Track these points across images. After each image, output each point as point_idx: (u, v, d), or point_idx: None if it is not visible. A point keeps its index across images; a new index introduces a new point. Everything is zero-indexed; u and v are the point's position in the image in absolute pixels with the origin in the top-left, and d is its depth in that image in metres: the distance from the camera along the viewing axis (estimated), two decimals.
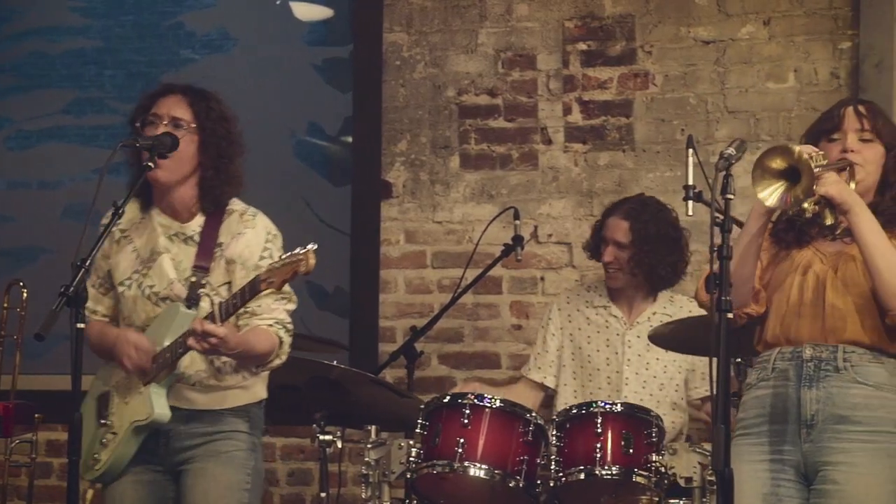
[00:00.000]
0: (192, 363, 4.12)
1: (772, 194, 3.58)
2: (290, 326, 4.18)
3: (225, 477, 4.15)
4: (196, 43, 6.37)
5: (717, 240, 3.49)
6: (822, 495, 3.66)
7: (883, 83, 5.49)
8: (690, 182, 3.69)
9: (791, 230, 3.82)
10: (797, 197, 3.56)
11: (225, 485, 4.14)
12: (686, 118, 5.81)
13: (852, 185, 3.72)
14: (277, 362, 4.17)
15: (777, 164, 3.56)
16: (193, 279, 4.11)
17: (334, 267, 6.05)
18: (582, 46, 5.95)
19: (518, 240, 5.35)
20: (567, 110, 5.96)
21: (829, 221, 3.73)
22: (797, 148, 3.57)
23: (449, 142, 6.08)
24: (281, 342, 4.13)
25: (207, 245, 4.15)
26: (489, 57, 6.05)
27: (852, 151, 3.75)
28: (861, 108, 3.81)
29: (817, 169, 3.55)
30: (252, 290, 3.94)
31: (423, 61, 6.11)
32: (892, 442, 3.66)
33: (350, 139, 6.23)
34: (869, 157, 3.76)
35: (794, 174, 3.56)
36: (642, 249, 5.08)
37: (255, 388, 4.26)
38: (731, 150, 3.56)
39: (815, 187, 3.57)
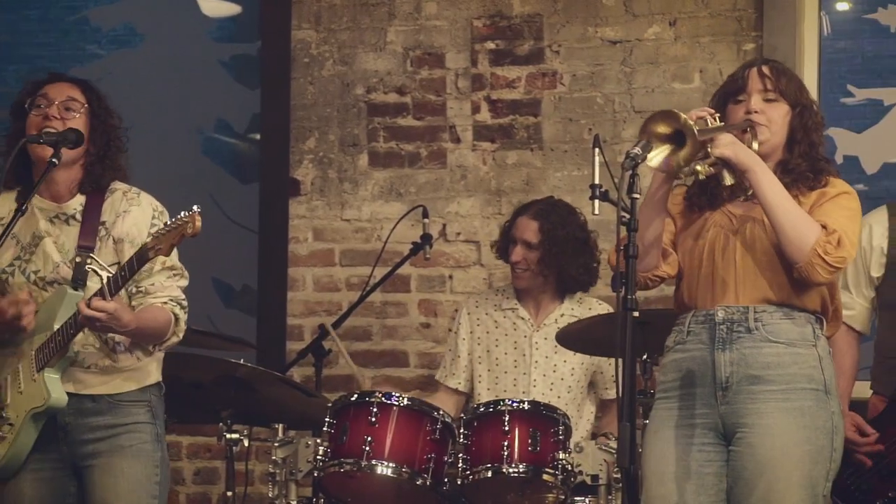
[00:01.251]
0: (85, 343, 4.04)
1: (655, 157, 3.62)
2: (185, 303, 4.12)
3: (133, 471, 4.08)
4: (102, 38, 6.31)
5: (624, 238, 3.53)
6: (739, 457, 3.70)
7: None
8: (597, 181, 3.72)
9: (703, 194, 3.86)
10: (678, 161, 3.60)
11: (134, 479, 4.08)
12: (593, 118, 5.84)
13: (755, 146, 3.76)
14: (175, 339, 4.11)
15: (662, 128, 3.60)
16: (78, 259, 4.03)
17: (242, 265, 6.03)
18: (490, 45, 5.97)
19: (426, 238, 5.36)
20: (475, 109, 5.97)
21: (728, 182, 3.76)
22: (682, 114, 3.60)
23: (357, 140, 6.07)
24: (177, 319, 4.07)
25: (90, 224, 4.08)
26: (398, 55, 6.05)
27: (756, 112, 3.79)
28: (765, 69, 3.85)
29: (705, 135, 3.59)
30: (140, 259, 3.86)
31: (332, 59, 6.09)
32: (807, 399, 3.71)
33: (258, 136, 6.21)
34: (774, 117, 3.81)
35: (681, 138, 3.60)
36: (551, 250, 5.10)
37: (150, 370, 4.17)
38: (637, 150, 3.58)
39: (709, 149, 3.63)
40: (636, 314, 3.48)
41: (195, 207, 3.82)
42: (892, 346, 4.62)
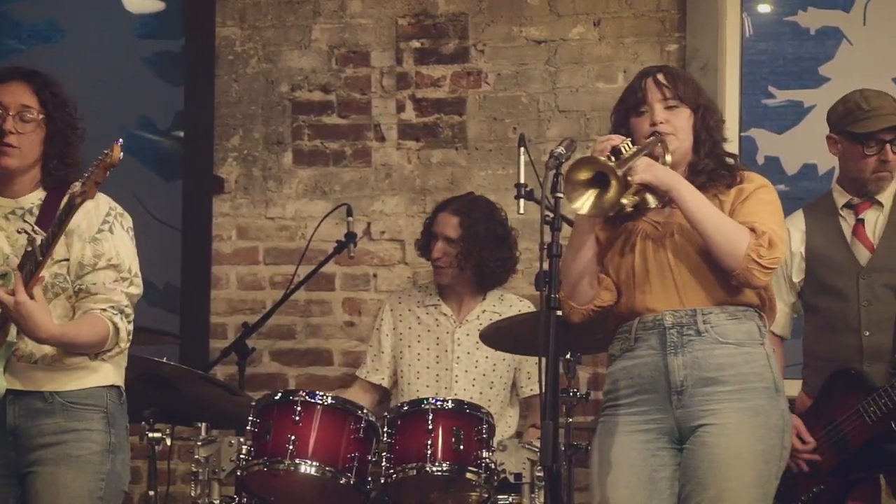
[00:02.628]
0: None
1: (584, 203, 3.61)
2: (128, 311, 3.94)
3: (76, 483, 3.88)
4: (23, 33, 6.24)
5: (548, 237, 3.53)
6: (693, 457, 3.72)
7: (708, 85, 5.58)
8: (522, 180, 3.73)
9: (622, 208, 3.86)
10: (609, 202, 3.61)
11: (75, 492, 3.88)
12: (518, 117, 5.86)
13: (668, 158, 3.78)
14: (116, 351, 3.93)
15: (584, 174, 3.59)
16: (29, 248, 3.91)
17: (165, 263, 5.98)
18: (415, 44, 5.97)
19: (351, 237, 5.35)
20: (400, 108, 5.97)
21: (652, 205, 3.79)
22: (600, 157, 3.61)
23: (282, 137, 6.05)
24: (116, 329, 3.89)
25: (47, 216, 3.92)
26: (323, 53, 6.03)
27: (661, 122, 3.80)
28: (660, 77, 3.86)
29: (624, 167, 3.61)
30: (69, 208, 3.73)
31: (257, 56, 6.07)
32: (759, 398, 3.74)
33: (182, 134, 6.17)
34: (679, 124, 3.82)
35: (604, 178, 3.60)
36: (471, 246, 5.12)
37: (105, 370, 3.98)
38: (562, 150, 3.60)
39: (630, 178, 3.64)
40: (560, 313, 3.49)
41: (119, 140, 3.75)
42: (817, 348, 4.67)
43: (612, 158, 3.63)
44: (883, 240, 4.57)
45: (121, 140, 3.75)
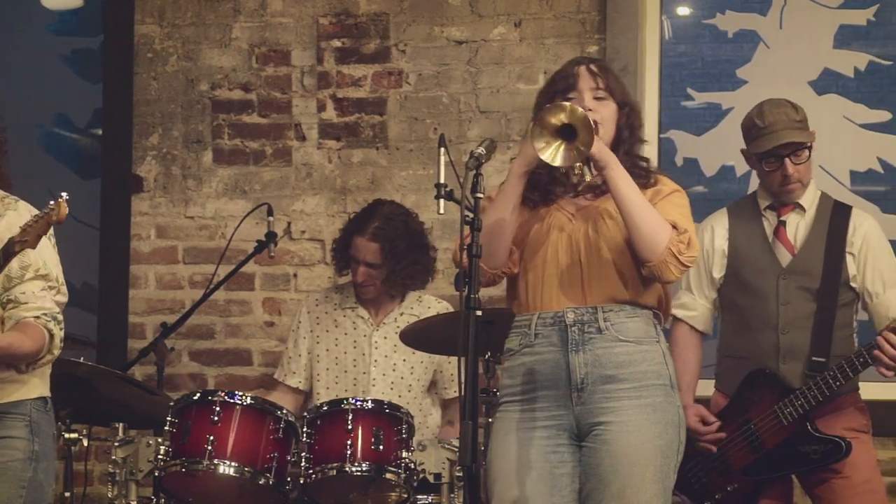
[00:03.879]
0: None
1: (556, 154, 3.61)
2: (60, 318, 3.95)
3: None
4: None
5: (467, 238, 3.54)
6: (594, 454, 3.74)
7: (628, 86, 5.62)
8: (442, 180, 3.73)
9: (536, 189, 3.86)
10: (578, 151, 3.60)
11: None
12: (439, 117, 5.87)
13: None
14: (49, 358, 3.93)
15: (557, 119, 3.60)
16: None
17: (83, 262, 5.93)
18: (336, 43, 5.96)
19: (271, 236, 5.33)
20: (321, 107, 5.95)
21: (588, 178, 3.79)
22: (578, 108, 3.61)
23: (202, 136, 6.02)
24: (51, 336, 3.89)
25: None
26: (243, 52, 6.01)
27: (590, 110, 3.78)
28: (593, 67, 3.88)
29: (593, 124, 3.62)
30: (6, 252, 3.73)
31: (176, 54, 6.03)
32: (657, 395, 3.77)
33: (100, 132, 6.12)
34: (605, 115, 3.84)
35: (569, 132, 3.60)
36: (394, 266, 5.11)
37: (32, 384, 3.97)
38: (481, 150, 3.61)
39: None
40: (479, 313, 3.50)
41: (63, 195, 3.73)
42: (733, 345, 4.72)
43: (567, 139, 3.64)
44: (805, 243, 4.62)
45: (65, 195, 3.73)
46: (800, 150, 4.59)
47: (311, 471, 4.40)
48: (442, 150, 3.75)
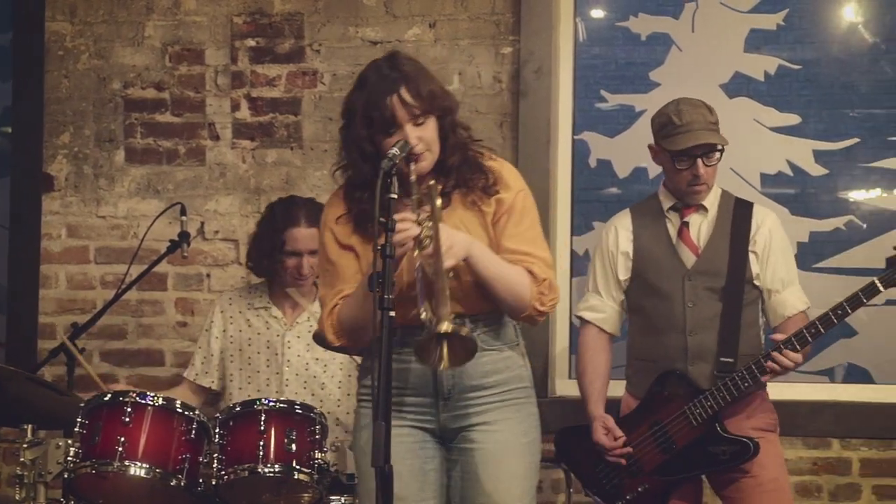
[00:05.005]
0: None
1: (444, 360, 3.46)
2: None
3: None
4: None
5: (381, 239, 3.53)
6: (464, 454, 3.81)
7: (542, 88, 5.67)
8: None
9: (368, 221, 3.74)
10: (449, 317, 3.45)
11: None
12: None
13: (413, 174, 3.67)
14: None
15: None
16: None
17: None
18: (251, 43, 5.94)
19: (184, 236, 5.29)
20: (235, 107, 5.93)
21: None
22: (444, 328, 3.41)
23: (114, 135, 5.97)
24: None
25: None
26: (156, 50, 5.96)
27: (417, 144, 3.70)
28: (405, 96, 3.72)
29: (438, 265, 3.49)
30: None
31: (88, 52, 5.98)
32: (520, 395, 3.86)
33: (10, 130, 6.04)
34: (429, 137, 3.74)
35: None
36: None
37: None
38: (395, 151, 3.60)
39: (445, 266, 3.53)
40: (392, 314, 3.49)
41: None
42: (642, 348, 4.76)
43: (419, 249, 3.57)
44: (709, 243, 4.66)
45: None
46: (712, 152, 4.63)
47: (223, 472, 4.38)
48: None
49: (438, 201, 3.65)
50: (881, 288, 4.41)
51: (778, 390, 4.65)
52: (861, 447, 5.54)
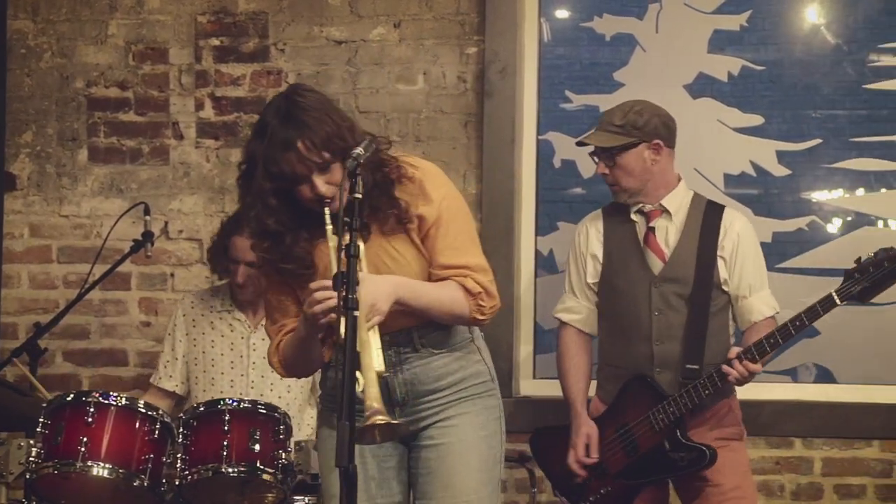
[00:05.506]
0: None
1: (382, 437, 3.34)
2: None
3: None
4: None
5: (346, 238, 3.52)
6: (421, 450, 3.80)
7: (507, 88, 5.68)
8: None
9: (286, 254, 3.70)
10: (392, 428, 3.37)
11: None
12: None
13: (335, 204, 3.54)
14: None
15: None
16: None
17: None
18: (215, 42, 5.92)
19: (148, 235, 5.28)
20: (199, 106, 5.91)
21: None
22: (377, 420, 3.29)
23: (77, 134, 5.94)
24: None
25: None
26: (120, 49, 5.94)
27: (327, 197, 3.56)
28: (301, 150, 3.54)
29: (365, 341, 3.42)
30: None
31: (51, 51, 5.95)
32: (477, 390, 3.83)
33: None
34: (337, 179, 3.57)
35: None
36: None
37: None
38: (360, 150, 3.56)
39: (373, 324, 3.47)
40: (357, 313, 3.49)
41: None
42: (610, 354, 4.76)
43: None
44: (676, 249, 4.66)
45: None
46: (605, 153, 4.66)
47: (186, 472, 4.37)
48: None
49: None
50: (838, 301, 4.42)
51: (741, 390, 4.66)
52: (823, 446, 5.57)
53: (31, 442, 4.38)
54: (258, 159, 3.59)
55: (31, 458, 4.33)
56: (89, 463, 4.29)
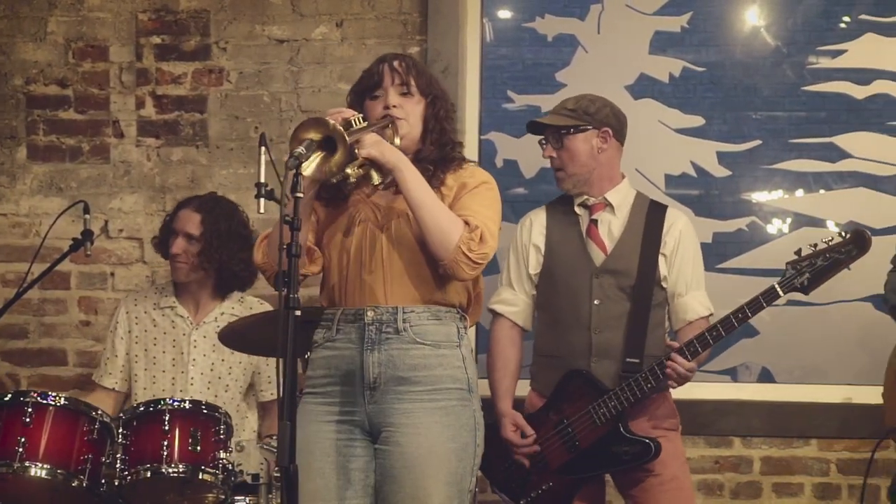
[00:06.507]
0: None
1: (309, 166, 3.63)
2: None
3: None
4: None
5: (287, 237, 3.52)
6: (387, 456, 3.79)
7: (449, 88, 5.63)
8: (262, 180, 3.71)
9: (332, 186, 3.91)
10: (331, 168, 3.64)
11: None
12: (260, 116, 5.83)
13: (398, 141, 3.88)
14: None
15: (312, 135, 3.62)
16: None
17: None
18: (156, 40, 5.89)
19: (88, 234, 5.23)
20: (140, 104, 5.88)
21: (375, 181, 3.85)
22: (331, 120, 3.63)
23: (16, 132, 5.89)
24: None
25: None
26: (59, 46, 5.90)
27: (394, 107, 3.92)
28: (396, 64, 3.98)
29: (352, 137, 3.65)
30: None
31: None
32: (451, 398, 3.83)
33: None
34: (410, 110, 3.95)
35: (331, 143, 3.64)
36: (212, 244, 5.07)
37: None
38: (301, 150, 3.59)
39: (357, 150, 3.68)
40: (298, 313, 3.49)
41: None
42: (547, 344, 4.77)
43: (345, 128, 3.67)
44: (619, 243, 4.69)
45: None
46: (554, 135, 4.69)
47: (125, 472, 4.35)
48: (263, 149, 3.72)
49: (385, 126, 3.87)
50: (780, 293, 4.46)
51: (681, 390, 4.68)
52: (762, 445, 5.62)
53: None
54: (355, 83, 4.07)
55: None
56: (27, 463, 4.25)
